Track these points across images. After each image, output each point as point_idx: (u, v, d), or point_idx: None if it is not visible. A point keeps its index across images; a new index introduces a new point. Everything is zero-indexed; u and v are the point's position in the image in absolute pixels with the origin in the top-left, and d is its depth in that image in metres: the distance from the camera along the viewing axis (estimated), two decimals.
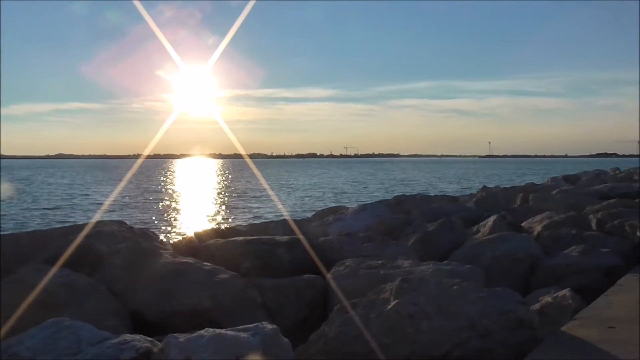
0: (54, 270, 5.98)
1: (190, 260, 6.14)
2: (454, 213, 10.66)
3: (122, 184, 58.78)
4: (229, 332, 3.92)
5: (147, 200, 39.27)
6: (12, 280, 5.83)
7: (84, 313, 4.91)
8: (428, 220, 10.06)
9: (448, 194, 24.22)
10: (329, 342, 4.48)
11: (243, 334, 3.95)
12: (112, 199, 40.52)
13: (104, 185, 58.14)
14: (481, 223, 9.47)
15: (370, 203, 13.56)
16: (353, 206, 13.48)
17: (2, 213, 29.85)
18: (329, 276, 6.21)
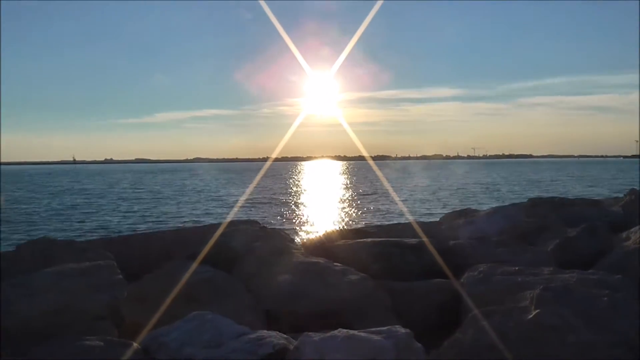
0: (194, 266, 6.39)
1: (321, 260, 6.23)
2: (598, 218, 9.81)
3: (252, 185, 61.73)
4: (362, 334, 3.91)
5: (276, 201, 40.86)
6: (158, 274, 6.31)
7: (224, 308, 5.16)
8: (567, 225, 9.36)
9: (589, 197, 22.41)
10: (463, 350, 4.30)
11: (376, 337, 3.92)
12: (243, 199, 42.72)
13: (235, 187, 61.40)
14: (632, 229, 8.61)
15: (503, 206, 12.92)
16: (484, 209, 12.93)
17: (145, 212, 32.70)
18: (461, 281, 5.99)
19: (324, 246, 7.86)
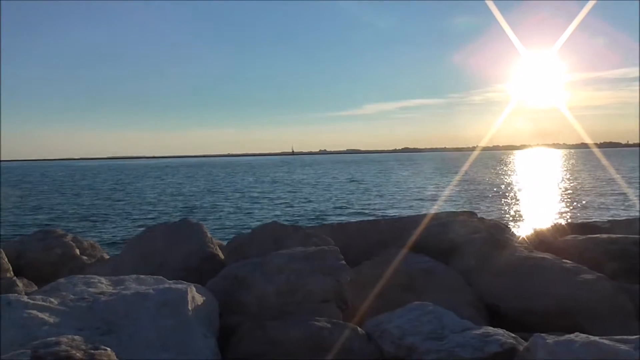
0: (411, 254, 6.38)
1: (547, 256, 5.74)
2: None
3: (459, 176, 60.14)
4: (605, 341, 3.46)
5: (488, 192, 39.24)
6: (376, 261, 6.43)
7: (443, 300, 5.04)
8: None
9: None
10: None
11: (622, 346, 3.44)
12: (449, 190, 41.87)
13: (441, 177, 60.44)
14: None
15: None
16: None
17: (355, 200, 33.96)
18: None
19: (547, 241, 7.25)
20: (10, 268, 7.44)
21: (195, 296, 4.20)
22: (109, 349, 3.02)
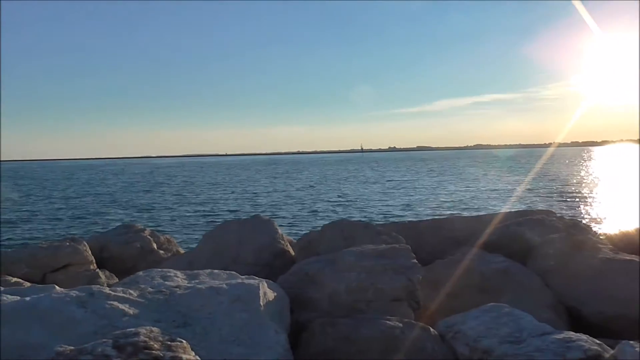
0: (484, 254, 6.17)
1: (636, 258, 5.38)
2: None
3: (533, 173, 57.84)
4: None
5: (566, 190, 37.55)
6: (449, 260, 6.27)
7: (519, 302, 4.84)
8: None
9: None
10: None
11: None
12: (523, 188, 40.34)
13: (515, 175, 58.33)
14: None
15: None
16: None
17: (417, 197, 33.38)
18: None
19: (634, 242, 6.81)
20: (94, 260, 7.84)
21: (266, 292, 4.24)
22: (184, 341, 3.09)
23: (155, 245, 8.85)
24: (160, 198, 41.08)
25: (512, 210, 8.61)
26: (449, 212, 26.23)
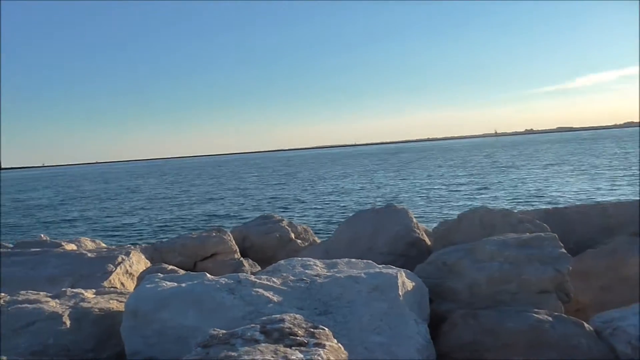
0: (635, 242, 5.59)
1: None
2: None
3: None
4: None
5: None
6: (601, 250, 5.76)
7: None
8: None
9: None
10: None
11: None
12: None
13: None
14: None
15: None
16: None
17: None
18: None
19: None
20: (238, 250, 8.32)
21: (405, 281, 4.20)
22: (326, 328, 3.15)
23: (293, 235, 9.17)
24: (293, 189, 42.60)
25: None
26: (599, 199, 24.16)
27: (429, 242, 6.82)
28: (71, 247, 7.65)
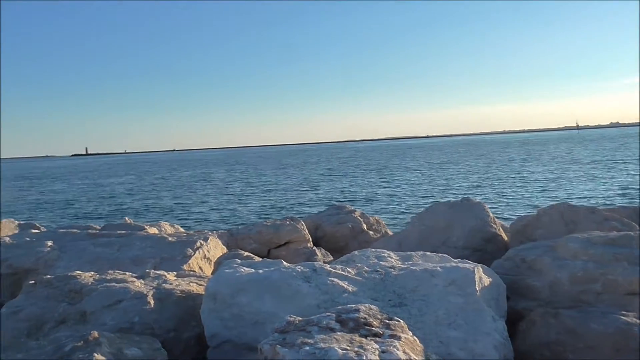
0: None
1: None
2: None
3: None
4: None
5: None
6: None
7: None
8: None
9: None
10: None
11: None
12: None
13: None
14: None
15: None
16: None
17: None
18: None
19: None
20: (310, 239, 8.42)
21: (482, 277, 4.11)
22: (401, 320, 3.14)
23: (365, 226, 9.18)
24: (360, 181, 42.55)
25: None
26: None
27: (506, 238, 6.62)
28: (153, 230, 8.02)
